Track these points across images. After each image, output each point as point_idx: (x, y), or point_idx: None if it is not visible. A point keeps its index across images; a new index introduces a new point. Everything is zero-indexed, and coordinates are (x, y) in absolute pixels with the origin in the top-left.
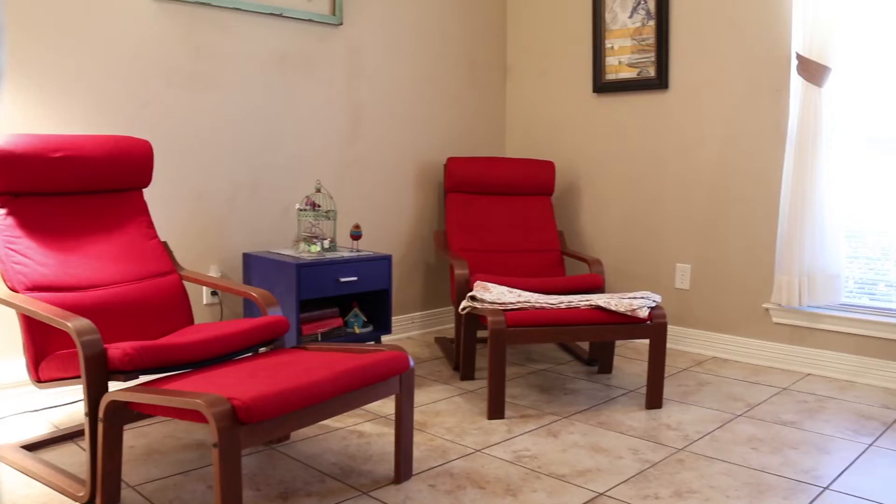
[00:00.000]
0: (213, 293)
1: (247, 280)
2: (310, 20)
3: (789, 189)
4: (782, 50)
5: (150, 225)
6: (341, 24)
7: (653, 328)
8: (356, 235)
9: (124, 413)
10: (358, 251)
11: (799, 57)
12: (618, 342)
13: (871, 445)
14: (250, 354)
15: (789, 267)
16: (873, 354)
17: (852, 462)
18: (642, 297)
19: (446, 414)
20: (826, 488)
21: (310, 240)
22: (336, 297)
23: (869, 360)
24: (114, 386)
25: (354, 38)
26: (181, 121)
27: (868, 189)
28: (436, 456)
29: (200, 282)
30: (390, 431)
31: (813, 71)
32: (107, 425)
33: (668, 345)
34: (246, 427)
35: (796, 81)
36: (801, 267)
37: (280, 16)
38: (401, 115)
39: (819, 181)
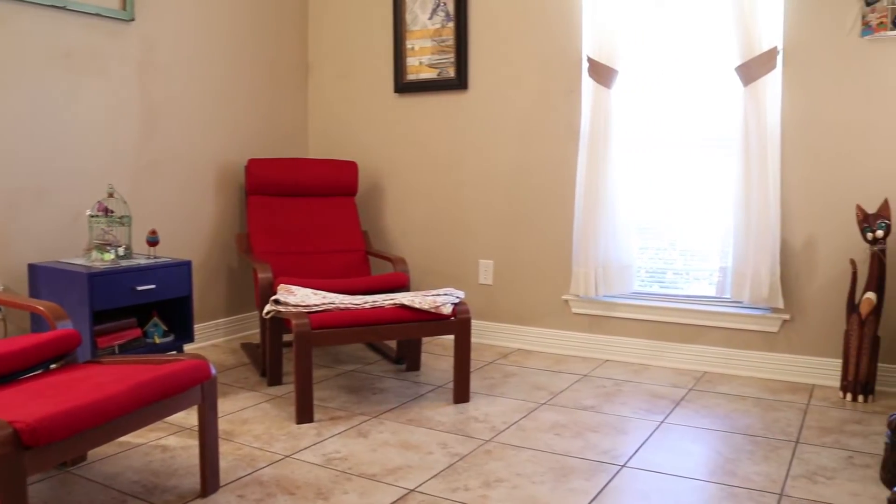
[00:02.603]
0: None
1: (34, 293)
2: (98, 14)
3: (583, 185)
4: (574, 53)
5: None
6: (133, 19)
7: (457, 324)
8: (153, 241)
9: None
10: (155, 258)
11: (589, 60)
12: (425, 339)
13: (662, 423)
14: (39, 372)
15: (585, 259)
16: (664, 338)
17: (646, 439)
18: (446, 294)
19: (254, 421)
20: (623, 466)
21: (102, 247)
22: (134, 307)
23: (660, 343)
24: None
25: (147, 34)
26: None
27: (655, 185)
28: (244, 465)
29: None
30: (196, 443)
31: (602, 73)
32: None
33: (474, 339)
34: (32, 451)
35: (587, 83)
36: (596, 259)
37: (64, 8)
38: (199, 115)
39: (610, 177)
